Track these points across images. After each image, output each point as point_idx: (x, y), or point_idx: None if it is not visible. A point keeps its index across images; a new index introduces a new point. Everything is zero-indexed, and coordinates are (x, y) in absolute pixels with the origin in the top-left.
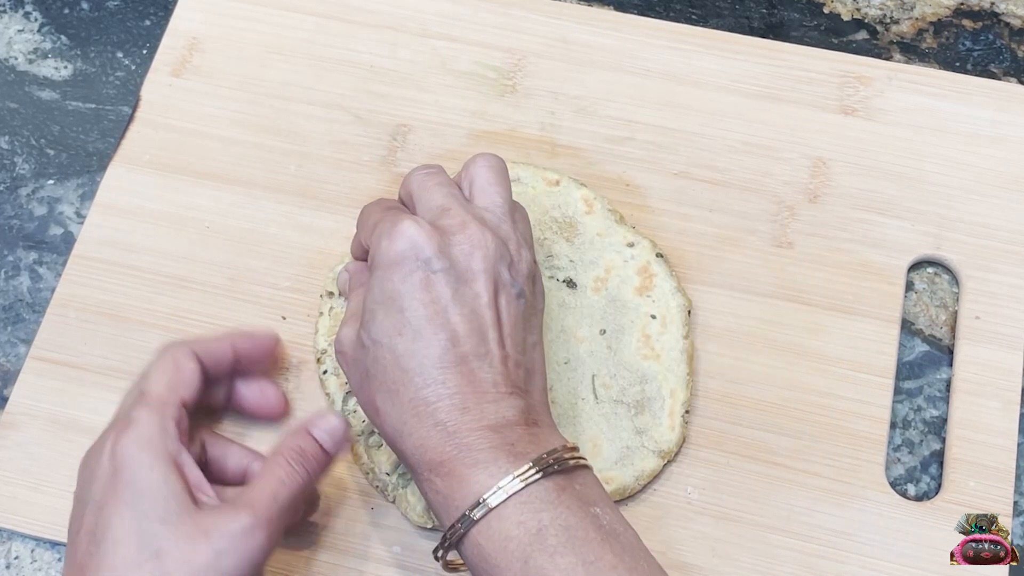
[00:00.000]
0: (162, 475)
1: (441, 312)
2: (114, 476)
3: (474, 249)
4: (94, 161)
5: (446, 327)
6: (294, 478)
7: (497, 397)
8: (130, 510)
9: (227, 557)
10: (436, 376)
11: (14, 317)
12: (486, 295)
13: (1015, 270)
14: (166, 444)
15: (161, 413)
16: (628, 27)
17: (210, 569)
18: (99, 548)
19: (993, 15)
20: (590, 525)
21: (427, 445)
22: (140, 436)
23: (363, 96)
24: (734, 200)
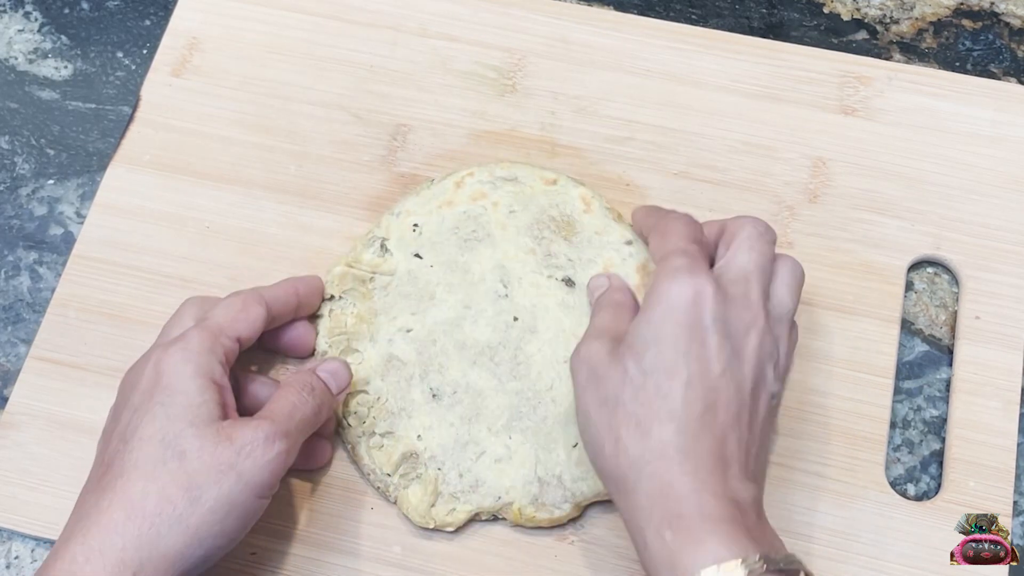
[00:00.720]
0: (199, 387)
1: (713, 380)
2: (155, 383)
3: (754, 332)
4: (94, 161)
5: (712, 390)
6: (306, 404)
7: (740, 476)
8: (163, 411)
9: (248, 460)
10: (692, 428)
11: (14, 317)
12: (752, 384)
13: (1015, 270)
14: (211, 364)
15: (214, 338)
16: (628, 27)
17: (231, 470)
18: (127, 445)
19: (993, 15)
20: None
21: (667, 494)
22: (188, 350)
23: (363, 96)
24: (734, 200)
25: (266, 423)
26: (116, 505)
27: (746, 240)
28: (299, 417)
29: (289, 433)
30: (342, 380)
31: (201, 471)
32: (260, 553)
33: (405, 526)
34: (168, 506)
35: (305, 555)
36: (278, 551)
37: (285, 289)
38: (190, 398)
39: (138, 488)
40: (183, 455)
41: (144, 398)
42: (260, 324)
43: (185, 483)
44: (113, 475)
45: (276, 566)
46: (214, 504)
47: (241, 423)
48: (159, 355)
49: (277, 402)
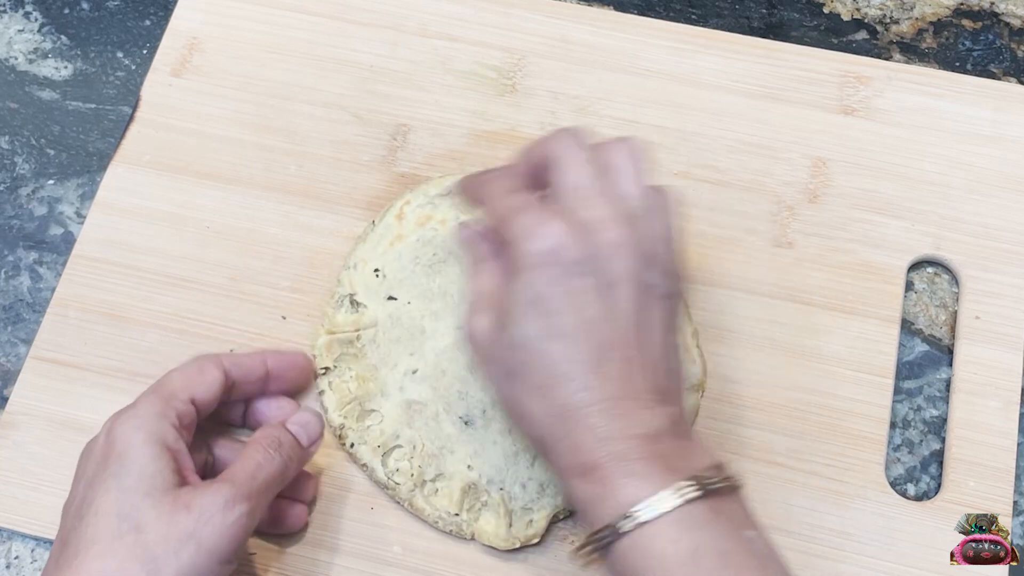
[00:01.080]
0: (151, 454)
1: (591, 320)
2: (107, 453)
3: (623, 252)
4: (94, 161)
5: (597, 332)
6: (271, 462)
7: (649, 404)
8: (116, 483)
9: (207, 528)
10: (589, 381)
11: (14, 317)
12: (635, 302)
13: (1015, 270)
14: (162, 428)
15: (164, 402)
16: (628, 27)
17: (190, 540)
18: (82, 521)
19: (993, 15)
20: (745, 552)
21: (579, 449)
22: (137, 417)
23: (363, 96)
24: (734, 200)
25: (225, 486)
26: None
27: (564, 159)
28: (263, 477)
29: (251, 495)
30: (313, 432)
31: (159, 543)
32: (260, 553)
33: (405, 526)
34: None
35: (305, 555)
36: (278, 551)
37: (251, 357)
38: (143, 467)
39: (95, 566)
40: (139, 528)
41: (97, 469)
42: (216, 387)
43: (143, 557)
44: (70, 554)
45: (276, 566)
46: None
47: (199, 489)
48: (111, 424)
49: (240, 462)
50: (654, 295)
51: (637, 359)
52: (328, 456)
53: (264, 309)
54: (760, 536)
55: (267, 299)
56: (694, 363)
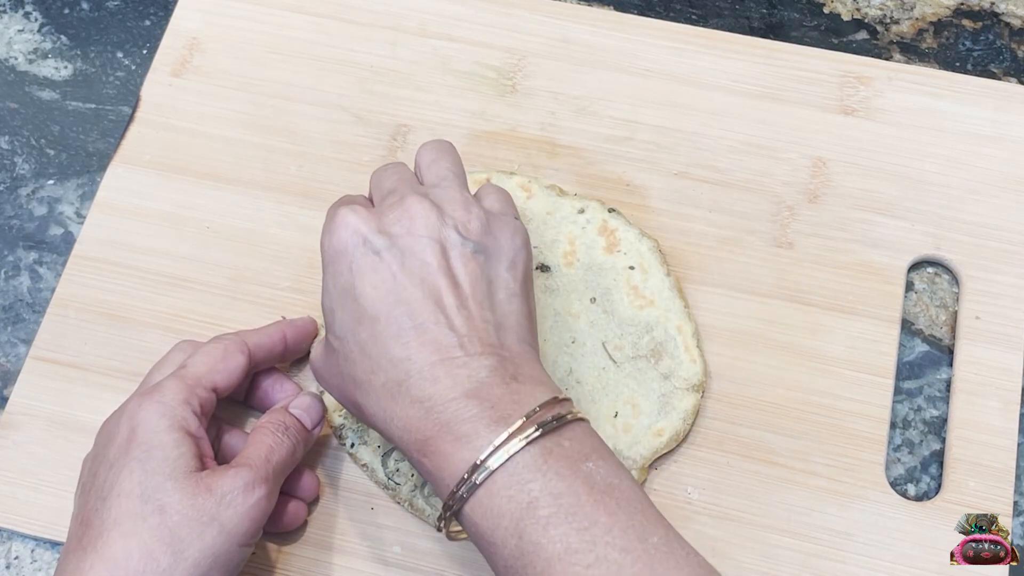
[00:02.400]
0: (174, 440)
1: (392, 290)
2: (130, 437)
3: (413, 219)
4: (94, 161)
5: (400, 302)
6: (281, 445)
7: (466, 360)
8: (140, 466)
9: (229, 510)
10: (400, 354)
11: (14, 317)
12: (434, 261)
13: (1015, 270)
14: (185, 415)
15: (189, 390)
16: (628, 27)
17: (213, 521)
18: (105, 503)
19: (993, 15)
20: (581, 488)
21: (409, 426)
22: (162, 403)
23: (363, 96)
24: (734, 200)
25: (244, 470)
26: (99, 566)
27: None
28: (276, 459)
29: (268, 478)
30: (315, 415)
31: (183, 524)
32: (260, 553)
33: (405, 526)
34: (152, 563)
35: (305, 555)
36: (278, 551)
37: (271, 335)
38: (166, 451)
39: (119, 546)
40: (163, 509)
41: (120, 453)
42: (240, 374)
43: (167, 538)
44: (93, 534)
45: (276, 566)
46: (198, 557)
47: (219, 472)
48: (134, 408)
49: (252, 447)
50: (463, 253)
51: (447, 318)
52: (328, 456)
53: (264, 309)
54: (603, 464)
55: (267, 299)
56: (694, 363)
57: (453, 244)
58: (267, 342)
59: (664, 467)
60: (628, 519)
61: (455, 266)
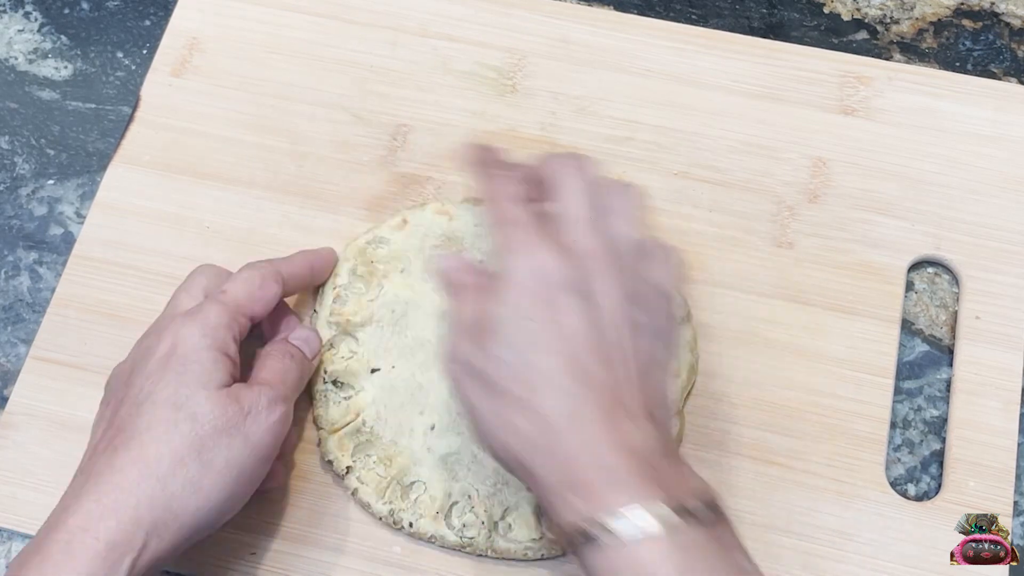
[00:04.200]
0: (213, 358)
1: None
2: (171, 352)
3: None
4: (94, 161)
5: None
6: (291, 369)
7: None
8: (176, 378)
9: (254, 424)
10: (575, 391)
11: (14, 317)
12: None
13: (1015, 270)
14: (226, 339)
15: (231, 315)
16: (628, 27)
17: (239, 433)
18: (139, 409)
19: (993, 15)
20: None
21: (567, 463)
22: (207, 324)
23: (363, 96)
24: (734, 200)
25: (266, 387)
26: (130, 465)
27: (566, 187)
28: (290, 381)
29: (287, 397)
30: (314, 345)
31: (212, 434)
32: (260, 553)
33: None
34: (181, 468)
35: (305, 555)
36: (278, 551)
37: (300, 264)
38: (204, 366)
39: (152, 450)
40: (194, 418)
41: (158, 366)
42: (274, 302)
43: (197, 445)
44: (126, 436)
45: (276, 566)
46: (224, 466)
47: (245, 388)
48: (177, 326)
49: (266, 369)
50: (640, 330)
51: (623, 377)
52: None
53: None
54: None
55: None
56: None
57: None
58: (298, 271)
59: None
60: None
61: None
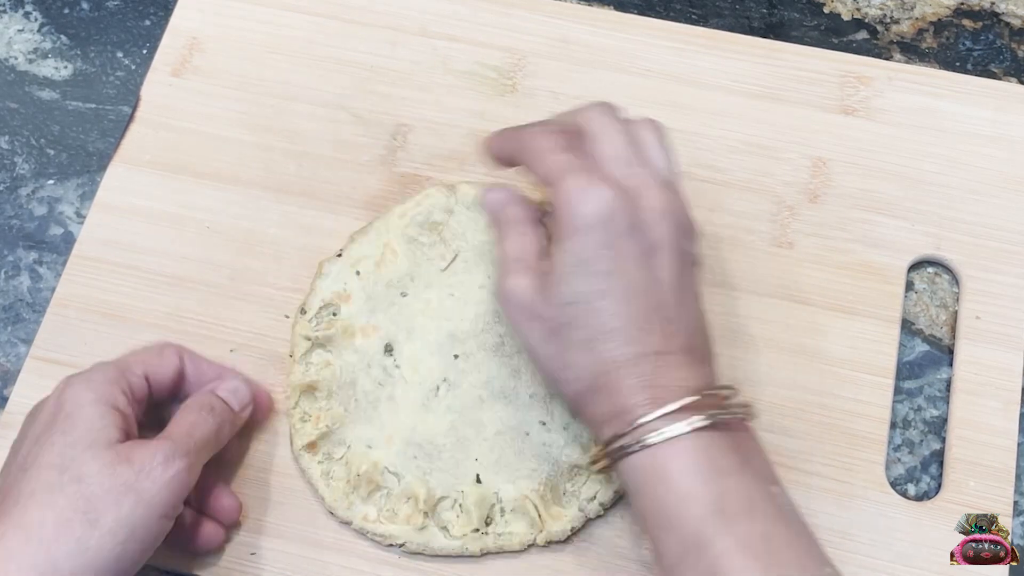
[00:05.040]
0: (99, 412)
1: (636, 280)
2: (56, 413)
3: (663, 217)
4: (94, 161)
5: (641, 293)
6: (206, 422)
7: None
8: (61, 438)
9: (147, 481)
10: (635, 336)
11: (14, 317)
12: (672, 266)
13: (1015, 270)
14: (112, 392)
15: (120, 372)
16: (628, 27)
17: (130, 491)
18: (25, 474)
19: (993, 15)
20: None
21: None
22: (90, 380)
23: (363, 96)
24: (734, 200)
25: (165, 443)
26: (11, 532)
27: (601, 130)
28: (199, 435)
29: (189, 452)
30: (243, 397)
31: (99, 494)
32: (260, 553)
33: None
34: (66, 531)
35: (305, 555)
36: (278, 551)
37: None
38: (90, 423)
39: (35, 514)
40: (80, 479)
41: (44, 428)
42: (172, 372)
43: (83, 507)
44: (10, 503)
45: (276, 566)
46: (114, 526)
47: (140, 444)
48: (62, 386)
49: (176, 423)
50: (688, 262)
51: (676, 321)
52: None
53: (264, 309)
54: (781, 491)
55: (267, 299)
56: None
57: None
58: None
59: None
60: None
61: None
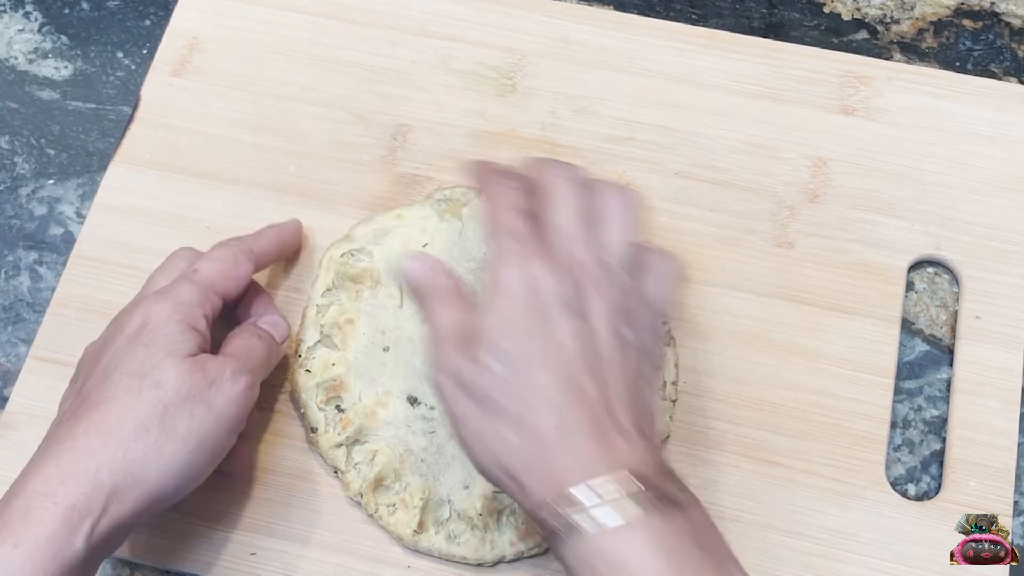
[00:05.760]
0: (181, 329)
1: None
2: (140, 328)
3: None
4: (94, 161)
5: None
6: (259, 347)
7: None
8: (144, 349)
9: (218, 395)
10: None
11: (14, 317)
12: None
13: (1015, 270)
14: (196, 316)
15: (203, 294)
16: (628, 27)
17: (203, 401)
18: (106, 380)
19: (993, 15)
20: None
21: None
22: (176, 302)
23: (363, 96)
24: (734, 200)
25: (231, 359)
26: (92, 431)
27: (555, 196)
28: (256, 356)
29: (252, 370)
30: (282, 330)
31: (175, 401)
32: (260, 553)
33: None
34: (143, 433)
35: (305, 555)
36: (278, 551)
37: (271, 239)
38: (172, 337)
39: (114, 417)
40: (158, 384)
41: (128, 340)
42: (247, 280)
43: (160, 412)
44: (90, 405)
45: (276, 566)
46: (186, 433)
47: (211, 357)
48: (148, 304)
49: (232, 344)
50: (627, 347)
51: (614, 394)
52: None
53: None
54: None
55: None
56: None
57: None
58: (268, 247)
59: None
60: None
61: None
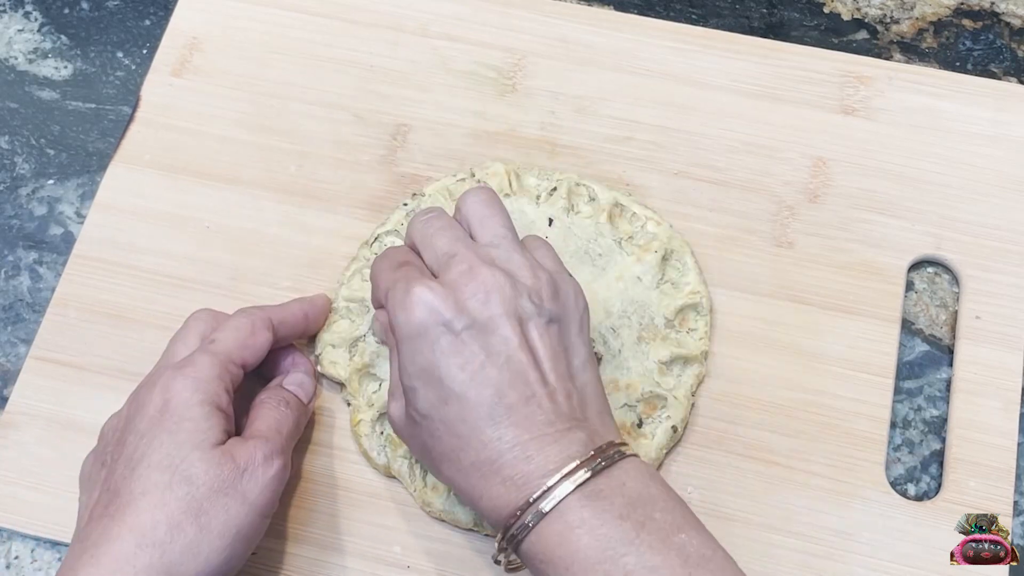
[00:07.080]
0: (205, 413)
1: (477, 370)
2: (163, 408)
3: (489, 295)
4: (94, 161)
5: (487, 383)
6: (288, 417)
7: (557, 437)
8: (170, 438)
9: (251, 481)
10: (491, 434)
11: (14, 317)
12: (515, 337)
13: (1015, 270)
14: (218, 392)
15: (222, 365)
16: (628, 27)
17: (236, 491)
18: (134, 472)
19: (993, 15)
20: (676, 561)
21: (499, 504)
22: (197, 378)
23: (363, 96)
24: (734, 200)
25: (261, 441)
26: (127, 534)
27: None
28: (285, 431)
29: (283, 449)
30: (309, 389)
31: (208, 496)
32: (260, 553)
33: (404, 525)
34: (179, 533)
35: (305, 555)
36: (278, 551)
37: (294, 312)
38: (197, 424)
39: (147, 517)
40: (190, 480)
41: (151, 424)
42: (266, 350)
43: (194, 509)
44: (121, 503)
45: (276, 566)
46: (222, 529)
47: (240, 443)
48: (167, 380)
49: (260, 420)
50: (538, 324)
51: (535, 395)
52: (326, 455)
53: None
54: (696, 537)
55: (267, 299)
56: None
57: (529, 315)
58: (290, 319)
59: (665, 467)
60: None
61: (533, 339)
